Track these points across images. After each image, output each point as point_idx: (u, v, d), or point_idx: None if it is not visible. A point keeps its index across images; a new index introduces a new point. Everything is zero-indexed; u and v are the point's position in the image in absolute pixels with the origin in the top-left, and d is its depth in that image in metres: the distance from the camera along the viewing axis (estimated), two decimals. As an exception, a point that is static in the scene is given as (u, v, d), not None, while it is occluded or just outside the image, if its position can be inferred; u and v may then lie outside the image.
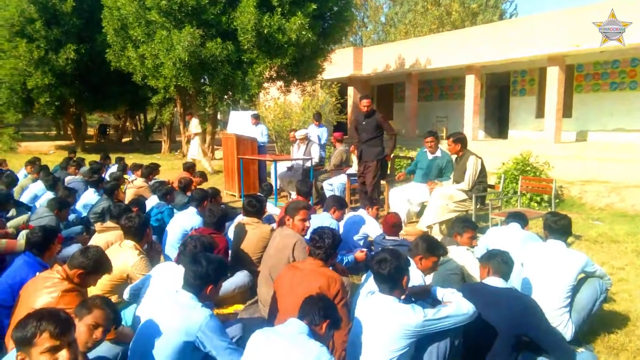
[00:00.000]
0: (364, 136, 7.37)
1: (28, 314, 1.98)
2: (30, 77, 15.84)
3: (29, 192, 7.26)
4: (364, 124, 7.37)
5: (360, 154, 7.41)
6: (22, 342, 1.89)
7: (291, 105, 16.48)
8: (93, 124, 30.20)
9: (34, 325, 1.89)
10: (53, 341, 1.90)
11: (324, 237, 3.28)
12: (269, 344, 2.38)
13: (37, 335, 1.88)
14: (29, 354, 1.88)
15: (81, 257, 3.12)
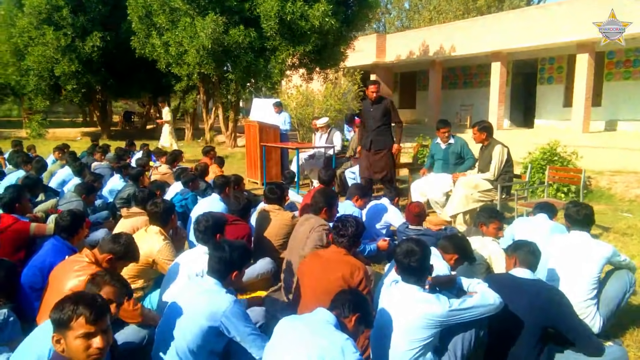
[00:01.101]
0: (371, 124, 7.02)
1: (66, 296, 2.02)
2: (57, 65, 16.10)
3: (57, 177, 7.41)
4: (372, 110, 7.02)
5: (369, 143, 7.03)
6: (59, 324, 1.93)
7: (313, 93, 16.41)
8: (118, 111, 30.62)
9: (70, 309, 1.92)
10: (88, 327, 1.92)
11: (347, 225, 3.27)
12: (295, 332, 2.38)
13: (74, 319, 1.91)
14: (64, 336, 1.92)
15: (112, 242, 3.18)
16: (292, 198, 6.76)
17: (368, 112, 7.09)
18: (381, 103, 6.98)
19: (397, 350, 2.65)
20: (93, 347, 1.94)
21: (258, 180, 9.78)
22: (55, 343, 1.94)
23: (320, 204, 4.14)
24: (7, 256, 3.99)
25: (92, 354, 1.94)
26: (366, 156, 7.13)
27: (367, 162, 7.11)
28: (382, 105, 6.97)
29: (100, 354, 1.97)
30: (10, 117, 29.41)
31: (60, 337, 1.93)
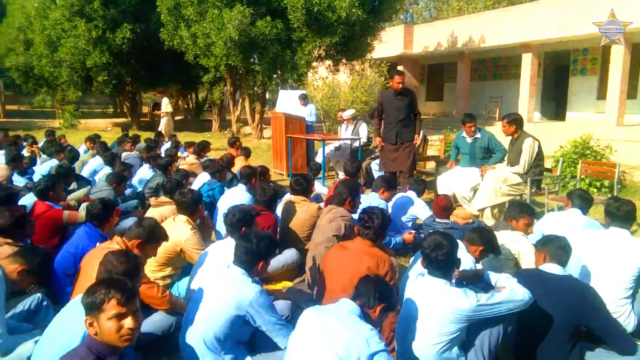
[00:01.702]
0: (396, 116, 6.74)
1: (98, 281, 2.08)
2: (89, 56, 16.42)
3: (89, 166, 7.59)
4: (397, 101, 6.72)
5: (394, 136, 6.77)
6: (92, 308, 2.00)
7: (339, 85, 16.35)
8: (147, 102, 31.09)
9: (102, 292, 1.99)
10: (120, 308, 2.00)
11: (373, 217, 3.25)
12: (320, 322, 2.39)
13: (106, 301, 1.99)
14: (97, 319, 1.99)
15: (137, 228, 3.25)
16: (318, 190, 6.77)
17: (391, 103, 6.79)
18: (406, 94, 6.77)
19: (423, 344, 2.63)
20: (125, 327, 2.02)
21: (284, 172, 9.82)
22: (89, 326, 2.00)
23: (344, 194, 4.13)
24: (42, 242, 4.13)
25: (125, 334, 2.02)
26: (390, 149, 6.87)
27: (391, 156, 6.87)
28: (408, 97, 6.77)
29: (131, 334, 2.05)
30: (44, 108, 30.20)
31: (93, 319, 2.00)
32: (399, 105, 6.75)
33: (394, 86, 6.70)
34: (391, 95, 6.80)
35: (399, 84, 6.63)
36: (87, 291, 2.04)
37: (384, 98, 6.95)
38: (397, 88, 6.67)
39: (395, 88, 6.69)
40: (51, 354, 2.28)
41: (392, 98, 6.78)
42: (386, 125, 6.92)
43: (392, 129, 6.81)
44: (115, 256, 2.65)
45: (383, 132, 6.97)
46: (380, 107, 7.00)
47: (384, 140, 6.95)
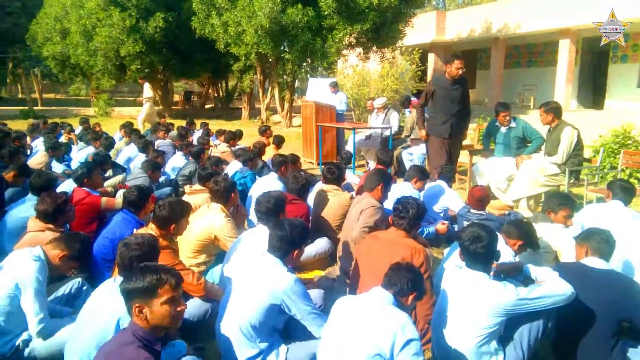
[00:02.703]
0: (451, 107, 6.00)
1: (143, 266, 2.10)
2: (123, 45, 16.70)
3: (124, 154, 7.74)
4: (454, 91, 5.95)
5: (449, 129, 6.06)
6: (144, 293, 2.01)
7: (369, 73, 16.18)
8: (178, 91, 31.55)
9: (155, 278, 2.02)
10: (174, 292, 2.06)
11: (408, 207, 3.20)
12: (354, 311, 2.38)
13: (160, 286, 2.02)
14: (149, 304, 2.01)
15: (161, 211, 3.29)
16: (349, 179, 6.73)
17: (447, 92, 5.98)
18: (462, 83, 6.04)
19: (460, 337, 2.59)
20: (178, 310, 2.08)
21: (313, 160, 9.80)
22: (138, 312, 2.01)
23: (377, 180, 4.08)
24: (80, 228, 4.24)
25: (178, 317, 2.10)
26: (443, 144, 6.12)
27: (443, 151, 6.11)
28: (463, 86, 6.07)
29: (182, 317, 2.14)
30: (79, 96, 31.01)
31: (144, 305, 2.01)
32: (454, 96, 6.01)
33: (453, 73, 5.90)
34: (446, 84, 6.00)
35: (458, 70, 5.86)
36: (134, 277, 2.04)
37: (437, 86, 6.09)
38: (455, 75, 5.90)
39: (453, 75, 5.91)
40: (87, 341, 2.33)
41: (448, 87, 5.98)
42: (437, 117, 6.13)
43: (447, 122, 6.04)
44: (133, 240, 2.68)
45: (432, 124, 6.18)
46: (429, 96, 6.17)
47: (435, 134, 6.18)
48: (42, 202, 3.55)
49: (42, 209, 3.52)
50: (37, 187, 4.34)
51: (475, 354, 2.58)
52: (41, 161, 6.76)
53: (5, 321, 2.84)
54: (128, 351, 1.93)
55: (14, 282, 2.84)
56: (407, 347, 2.21)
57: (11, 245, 3.81)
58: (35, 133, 9.08)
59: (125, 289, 2.06)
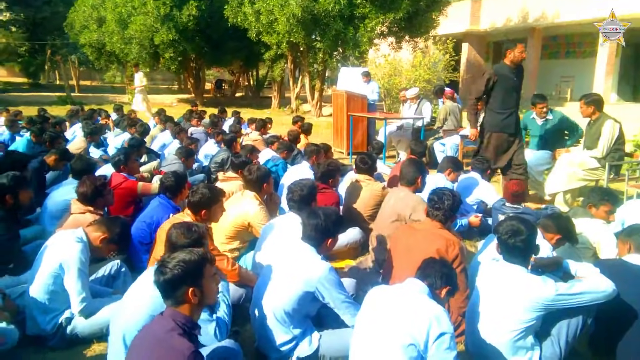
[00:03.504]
0: (514, 98, 5.45)
1: (182, 253, 2.13)
2: (157, 33, 16.92)
3: (159, 140, 7.89)
4: (516, 80, 5.41)
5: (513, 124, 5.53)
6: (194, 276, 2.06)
7: (401, 63, 15.98)
8: (209, 79, 31.85)
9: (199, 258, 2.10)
10: (212, 269, 2.16)
11: (443, 198, 3.16)
12: (389, 301, 2.38)
13: (204, 266, 2.10)
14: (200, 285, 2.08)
15: (194, 196, 3.35)
16: (380, 169, 6.69)
17: (508, 82, 5.41)
18: (522, 71, 5.56)
19: (496, 331, 2.56)
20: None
21: (344, 150, 9.78)
22: (193, 296, 2.05)
23: (415, 173, 4.02)
24: (118, 212, 4.35)
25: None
26: (504, 140, 5.55)
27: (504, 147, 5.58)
28: (522, 75, 5.58)
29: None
30: (114, 83, 31.68)
31: (197, 287, 2.06)
32: (516, 86, 5.48)
33: (517, 58, 5.33)
34: (508, 72, 5.41)
35: (522, 54, 5.32)
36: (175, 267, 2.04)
37: (500, 75, 5.42)
38: (519, 60, 5.38)
39: (517, 61, 5.37)
40: (134, 321, 2.39)
41: (510, 76, 5.40)
42: (498, 110, 5.50)
43: (510, 115, 5.47)
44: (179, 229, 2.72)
45: (493, 119, 5.56)
46: (490, 86, 5.50)
47: (496, 129, 5.55)
48: (82, 184, 3.66)
49: (82, 191, 3.63)
50: (78, 170, 4.48)
51: (510, 348, 2.55)
52: (80, 146, 6.96)
53: (49, 299, 2.95)
54: (173, 339, 1.96)
55: (58, 262, 2.94)
56: (440, 339, 2.20)
57: (53, 226, 3.96)
58: (74, 119, 9.34)
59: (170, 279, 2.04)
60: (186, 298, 2.05)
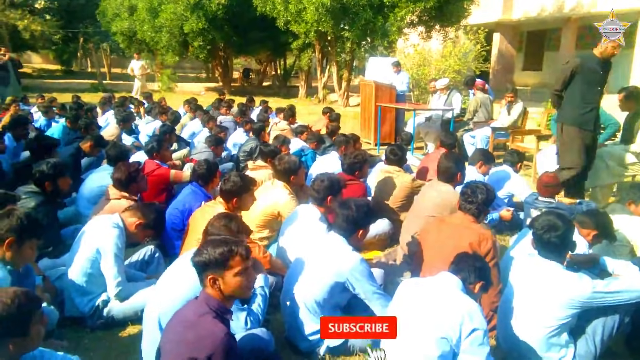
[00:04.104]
0: (597, 93, 4.95)
1: (214, 239, 2.17)
2: (186, 22, 17.05)
3: (188, 129, 7.99)
4: (602, 73, 4.89)
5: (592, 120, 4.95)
6: (216, 265, 2.08)
7: (431, 53, 15.73)
8: (236, 68, 31.99)
9: (226, 250, 2.08)
10: (244, 263, 2.11)
11: (477, 192, 3.11)
12: (421, 294, 2.37)
13: (231, 258, 2.08)
14: (222, 276, 2.08)
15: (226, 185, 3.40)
16: (409, 160, 6.64)
17: (594, 75, 4.89)
18: (609, 66, 5.00)
19: (529, 327, 2.53)
20: (250, 280, 2.17)
21: (371, 141, 9.72)
22: (212, 283, 2.08)
23: (453, 169, 3.90)
24: (150, 198, 4.43)
25: (250, 286, 2.20)
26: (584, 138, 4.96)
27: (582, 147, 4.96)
28: (609, 70, 5.03)
29: (252, 286, 2.28)
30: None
31: (217, 276, 2.08)
32: (601, 80, 4.97)
33: (608, 52, 4.80)
34: (595, 65, 4.88)
35: (614, 50, 4.77)
36: (206, 250, 2.10)
37: (585, 67, 4.88)
38: (610, 55, 4.84)
39: (608, 55, 4.83)
40: (169, 305, 2.44)
41: (596, 68, 4.88)
42: (578, 103, 4.96)
43: (592, 110, 4.94)
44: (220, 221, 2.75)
45: (570, 112, 5.03)
46: (572, 77, 4.96)
47: (573, 123, 4.99)
48: (117, 170, 3.75)
49: (117, 176, 3.72)
50: (113, 157, 4.58)
51: (544, 345, 2.52)
52: (113, 133, 7.10)
53: (86, 282, 3.05)
54: (207, 321, 2.00)
55: (95, 247, 3.02)
56: (473, 335, 2.19)
57: (88, 211, 4.07)
58: (106, 106, 9.52)
59: (198, 262, 2.11)
60: (209, 284, 2.09)
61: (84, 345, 2.95)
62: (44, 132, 7.46)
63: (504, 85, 13.02)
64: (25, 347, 1.91)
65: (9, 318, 1.81)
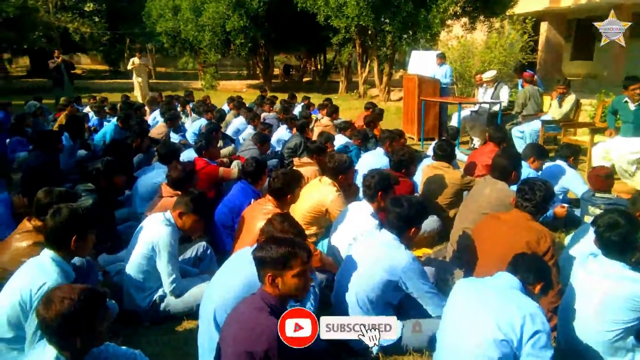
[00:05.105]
0: None
1: (279, 238, 2.19)
2: (228, 20, 17.30)
3: (233, 126, 8.11)
4: None
5: None
6: (276, 264, 2.09)
7: (475, 44, 15.33)
8: (277, 65, 32.21)
9: (289, 251, 2.09)
10: (304, 266, 2.11)
11: (535, 189, 3.01)
12: (479, 294, 2.31)
13: (293, 259, 2.09)
14: (282, 275, 2.09)
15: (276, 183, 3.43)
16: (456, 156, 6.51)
17: None
18: None
19: (592, 330, 2.43)
20: (307, 283, 2.15)
21: (414, 136, 9.59)
22: (271, 282, 2.10)
23: (509, 167, 3.74)
24: (200, 196, 4.51)
25: (306, 289, 2.19)
26: None
27: None
28: None
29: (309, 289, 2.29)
30: (187, 70, 32.80)
31: (276, 275, 2.09)
32: None
33: None
34: None
35: None
36: (269, 248, 2.11)
37: None
38: None
39: None
40: (224, 300, 2.48)
41: None
42: None
43: None
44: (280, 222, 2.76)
45: None
46: None
47: None
48: (173, 169, 3.84)
49: (174, 176, 3.80)
50: (164, 155, 4.70)
51: (608, 349, 2.41)
52: (161, 131, 7.29)
53: (143, 278, 3.14)
54: (263, 317, 2.02)
55: (150, 244, 3.10)
56: (535, 337, 2.12)
57: (143, 208, 4.19)
58: (154, 105, 9.78)
59: (260, 258, 2.13)
60: (268, 282, 2.10)
61: (142, 340, 3.04)
62: (97, 130, 7.75)
63: (552, 76, 12.55)
64: (92, 342, 1.98)
65: (77, 314, 1.86)
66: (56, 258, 2.48)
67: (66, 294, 1.88)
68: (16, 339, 2.39)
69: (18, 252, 2.89)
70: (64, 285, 2.02)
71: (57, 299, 1.85)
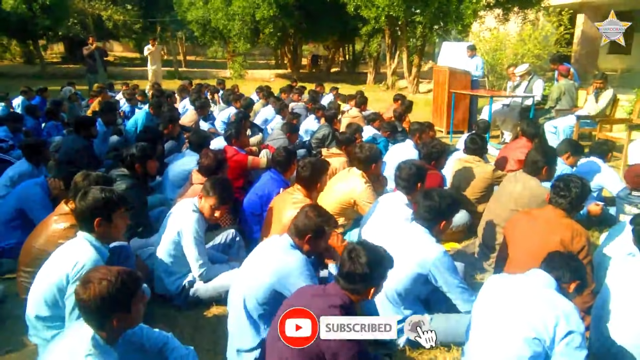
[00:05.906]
0: None
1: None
2: (258, 9, 17.33)
3: (261, 115, 8.14)
4: None
5: None
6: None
7: (508, 36, 14.99)
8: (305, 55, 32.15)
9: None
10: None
11: (570, 185, 2.93)
12: (511, 291, 2.28)
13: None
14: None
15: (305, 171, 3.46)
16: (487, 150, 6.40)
17: None
18: None
19: (628, 331, 2.37)
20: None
21: (443, 129, 9.45)
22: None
23: (540, 162, 3.67)
24: (229, 183, 4.56)
25: None
26: None
27: None
28: None
29: None
30: (216, 59, 33.06)
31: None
32: None
33: None
34: None
35: None
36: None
37: None
38: None
39: None
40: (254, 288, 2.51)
41: None
42: None
43: None
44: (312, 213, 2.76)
45: None
46: None
47: None
48: (205, 157, 3.88)
49: (206, 163, 3.84)
50: (195, 143, 4.75)
51: (644, 352, 2.35)
52: (192, 119, 7.37)
53: (172, 263, 3.20)
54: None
55: (177, 230, 3.15)
56: (569, 337, 2.08)
57: (174, 194, 4.26)
58: (184, 93, 9.89)
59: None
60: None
61: (172, 323, 3.10)
62: (129, 117, 7.89)
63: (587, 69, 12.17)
64: (128, 323, 2.03)
65: (114, 295, 1.91)
66: (91, 239, 2.54)
67: (104, 275, 1.92)
68: (52, 317, 2.47)
69: (55, 234, 2.97)
70: (102, 267, 2.06)
71: (96, 279, 1.90)
